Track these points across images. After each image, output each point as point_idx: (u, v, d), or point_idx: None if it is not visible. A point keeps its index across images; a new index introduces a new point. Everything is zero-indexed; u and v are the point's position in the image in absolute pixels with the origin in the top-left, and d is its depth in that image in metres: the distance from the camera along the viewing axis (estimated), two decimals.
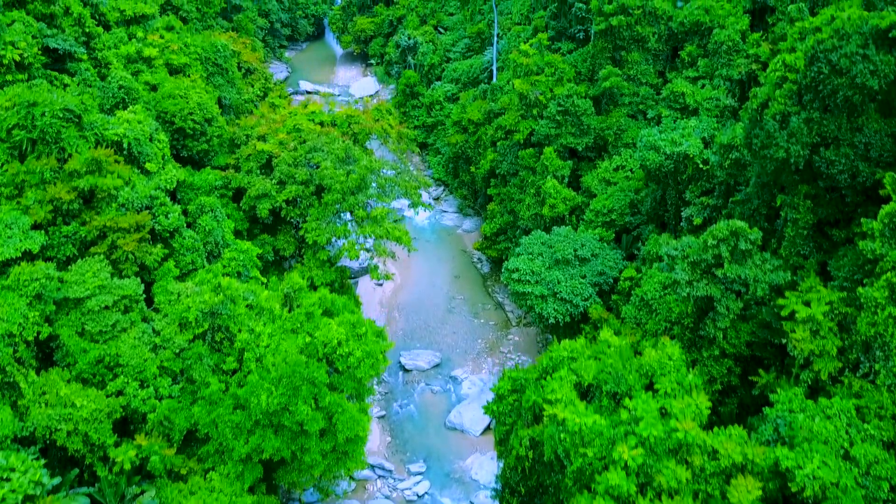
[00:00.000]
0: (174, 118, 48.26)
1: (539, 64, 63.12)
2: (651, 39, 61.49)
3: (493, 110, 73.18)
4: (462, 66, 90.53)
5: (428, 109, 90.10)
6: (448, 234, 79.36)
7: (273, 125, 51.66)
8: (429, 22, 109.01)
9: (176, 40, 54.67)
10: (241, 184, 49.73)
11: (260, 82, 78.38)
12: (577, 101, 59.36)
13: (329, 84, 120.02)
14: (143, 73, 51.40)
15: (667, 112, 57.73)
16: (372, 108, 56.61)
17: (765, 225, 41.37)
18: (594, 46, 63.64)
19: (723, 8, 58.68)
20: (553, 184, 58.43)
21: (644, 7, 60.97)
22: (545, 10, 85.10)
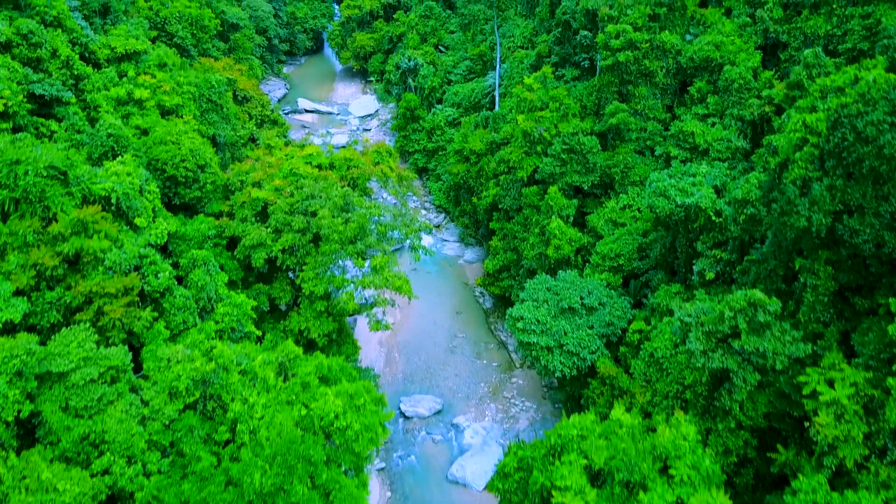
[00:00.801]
0: (166, 166, 46.43)
1: (543, 99, 61.26)
2: (659, 74, 59.65)
3: (496, 141, 71.42)
4: (464, 89, 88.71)
5: (429, 134, 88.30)
6: (449, 265, 77.52)
7: (268, 170, 49.80)
8: (429, 40, 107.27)
9: (168, 79, 52.80)
10: (235, 232, 47.91)
11: (257, 109, 76.55)
12: (583, 139, 57.53)
13: (328, 102, 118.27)
14: (133, 116, 49.55)
15: (676, 151, 55.88)
16: (371, 151, 54.70)
17: (782, 286, 39.55)
18: (600, 80, 61.79)
19: (733, 43, 56.82)
20: (558, 224, 56.57)
21: (652, 41, 59.14)
22: (548, 33, 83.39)
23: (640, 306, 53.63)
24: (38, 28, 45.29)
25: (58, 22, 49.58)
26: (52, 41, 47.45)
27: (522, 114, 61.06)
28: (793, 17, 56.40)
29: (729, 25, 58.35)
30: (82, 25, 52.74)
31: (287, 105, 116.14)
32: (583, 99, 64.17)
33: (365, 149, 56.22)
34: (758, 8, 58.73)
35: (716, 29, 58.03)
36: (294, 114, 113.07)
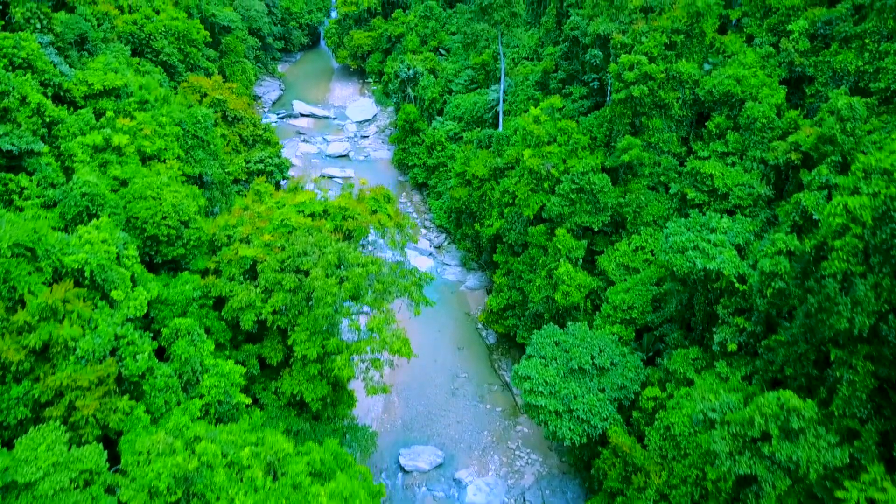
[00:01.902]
0: (146, 225, 43.00)
1: (551, 132, 57.55)
2: (675, 106, 55.86)
3: (499, 166, 67.86)
4: (465, 102, 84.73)
5: (429, 150, 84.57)
6: (451, 292, 74.33)
7: (258, 222, 46.35)
8: (429, 42, 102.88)
9: (149, 120, 49.03)
10: (222, 292, 44.64)
11: (248, 129, 72.75)
12: (594, 179, 54.00)
13: (324, 104, 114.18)
14: (111, 165, 45.95)
15: (693, 193, 52.35)
16: (368, 197, 51.09)
17: (813, 371, 36.45)
18: (612, 111, 58.02)
19: (755, 76, 52.98)
20: (567, 269, 53.31)
21: (668, 71, 55.28)
22: (555, 45, 79.33)
23: (654, 362, 50.65)
24: (4, 75, 41.52)
25: (27, 63, 45.76)
26: (21, 87, 43.73)
27: (529, 148, 57.36)
28: (820, 50, 52.54)
29: (751, 55, 54.45)
30: (56, 62, 48.90)
31: (282, 109, 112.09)
32: (593, 130, 60.48)
33: (361, 193, 52.65)
34: (782, 37, 54.76)
35: (737, 60, 54.14)
36: (289, 118, 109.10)
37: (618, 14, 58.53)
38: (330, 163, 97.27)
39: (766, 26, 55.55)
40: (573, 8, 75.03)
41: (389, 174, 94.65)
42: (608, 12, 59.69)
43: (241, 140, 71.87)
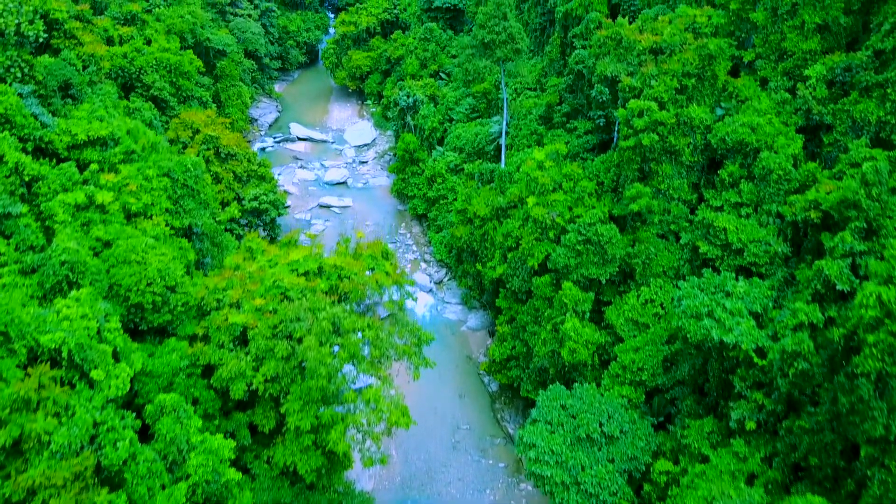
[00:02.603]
0: (129, 293, 40.66)
1: (556, 178, 55.22)
2: (685, 152, 53.51)
3: (502, 206, 65.49)
4: (467, 133, 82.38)
5: (429, 181, 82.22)
6: (451, 333, 71.98)
7: (249, 285, 44.01)
8: (429, 66, 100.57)
9: (135, 174, 46.67)
10: (211, 360, 42.29)
11: (242, 165, 70.42)
12: (601, 230, 51.64)
13: (322, 127, 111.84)
14: (94, 225, 43.60)
15: (705, 247, 49.96)
16: (365, 253, 48.65)
17: (839, 463, 34.13)
18: (619, 156, 55.67)
19: (771, 123, 50.62)
20: (574, 325, 50.97)
21: (679, 116, 52.94)
22: (559, 76, 77.05)
23: (665, 424, 48.34)
24: None
25: (6, 118, 43.44)
26: None
27: (533, 195, 55.02)
28: (839, 98, 50.18)
29: (765, 101, 52.10)
30: (37, 113, 46.53)
31: (279, 132, 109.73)
32: (599, 174, 58.14)
33: (358, 247, 50.22)
34: (798, 81, 52.41)
35: (751, 106, 51.77)
36: (286, 142, 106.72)
37: (626, 55, 56.21)
38: (328, 191, 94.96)
39: (781, 70, 53.21)
40: (578, 39, 72.74)
41: (389, 203, 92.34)
42: (615, 52, 57.37)
43: (234, 177, 69.56)
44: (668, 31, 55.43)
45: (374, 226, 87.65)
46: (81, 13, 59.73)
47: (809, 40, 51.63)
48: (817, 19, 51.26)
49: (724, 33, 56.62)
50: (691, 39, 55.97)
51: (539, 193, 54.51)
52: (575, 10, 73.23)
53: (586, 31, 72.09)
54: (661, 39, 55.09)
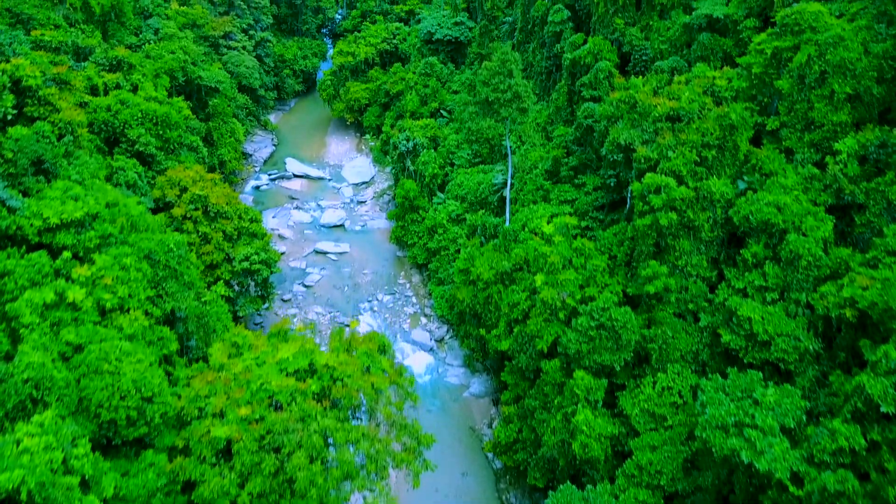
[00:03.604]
0: (101, 409, 37.02)
1: (565, 254, 51.57)
2: (705, 227, 49.86)
3: (506, 270, 61.79)
4: (469, 181, 78.72)
5: (430, 232, 78.52)
6: (453, 399, 68.23)
7: (234, 392, 40.32)
8: (430, 103, 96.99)
9: (110, 263, 43.00)
10: (192, 476, 38.66)
11: (233, 222, 66.75)
12: (615, 314, 47.96)
13: (319, 162, 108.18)
14: (64, 327, 39.95)
15: (728, 336, 46.25)
16: (360, 350, 44.81)
17: None
18: (634, 230, 52.01)
19: (798, 201, 46.95)
20: (585, 417, 47.29)
21: (698, 190, 49.34)
22: (565, 124, 73.44)
23: None
24: None
25: None
26: None
27: (541, 272, 51.36)
28: (873, 176, 46.52)
29: (792, 176, 48.44)
30: (4, 198, 42.89)
31: (274, 168, 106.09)
32: (612, 248, 54.50)
33: (353, 338, 46.47)
34: (826, 154, 48.74)
35: (776, 182, 48.09)
36: (281, 180, 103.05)
37: (640, 121, 52.57)
38: (324, 234, 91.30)
39: (808, 141, 49.53)
40: (587, 89, 69.14)
41: (387, 248, 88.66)
42: (629, 116, 53.72)
43: (224, 236, 65.89)
44: (686, 97, 51.80)
45: (372, 274, 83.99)
46: (58, 76, 56.12)
47: (840, 111, 47.98)
48: (848, 89, 47.62)
49: (744, 97, 53.02)
50: (710, 104, 52.42)
51: (548, 272, 50.81)
52: (583, 58, 69.62)
53: (595, 81, 68.62)
54: (679, 106, 51.47)
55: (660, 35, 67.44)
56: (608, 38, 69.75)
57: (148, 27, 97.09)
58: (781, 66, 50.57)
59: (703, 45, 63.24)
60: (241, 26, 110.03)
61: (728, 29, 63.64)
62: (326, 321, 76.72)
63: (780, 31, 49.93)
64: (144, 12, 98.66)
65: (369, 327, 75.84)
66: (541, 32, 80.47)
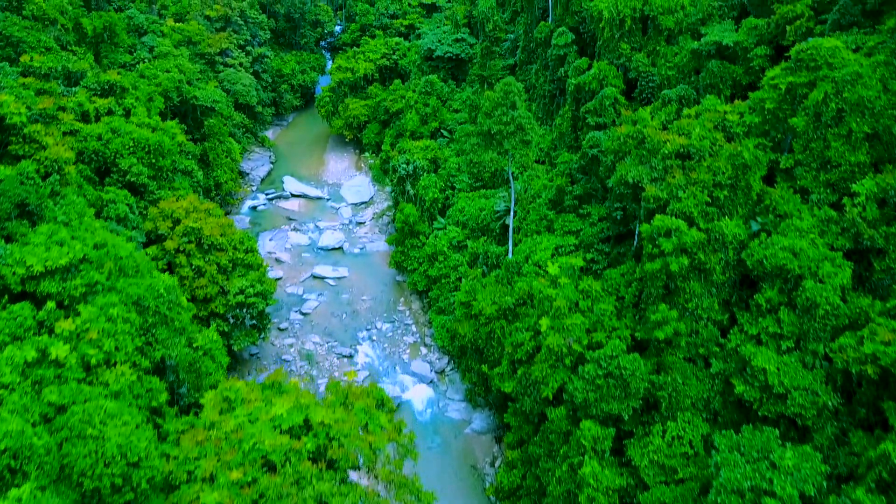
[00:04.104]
0: (84, 478, 35.11)
1: (571, 297, 49.65)
2: (716, 270, 47.92)
3: (509, 307, 59.92)
4: (470, 207, 76.81)
5: (430, 259, 76.55)
6: (454, 435, 66.25)
7: (225, 453, 38.42)
8: (430, 123, 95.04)
9: (95, 314, 41.07)
10: None
11: (228, 254, 64.81)
12: (623, 362, 46.07)
13: (317, 181, 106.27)
14: (46, 386, 38.02)
15: (741, 387, 44.30)
16: (357, 405, 42.80)
17: None
18: (643, 270, 50.04)
19: (814, 245, 45.00)
20: (592, 469, 45.43)
21: (709, 231, 47.42)
22: (569, 150, 71.53)
23: None
24: None
25: None
26: None
27: (546, 317, 49.44)
28: (892, 220, 44.58)
29: (808, 218, 46.49)
30: None
31: (271, 187, 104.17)
32: (619, 289, 52.61)
33: (350, 390, 44.51)
34: (844, 194, 46.79)
35: (791, 225, 46.13)
36: (279, 200, 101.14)
37: (649, 157, 50.66)
38: (322, 257, 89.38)
39: (824, 180, 47.59)
40: (591, 115, 67.22)
41: (387, 272, 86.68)
42: (637, 152, 51.80)
43: (218, 269, 63.93)
44: (697, 133, 49.87)
45: (371, 301, 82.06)
46: (44, 112, 54.17)
47: (857, 151, 46.05)
48: (866, 128, 45.67)
49: (757, 132, 51.06)
50: (721, 140, 50.50)
51: (553, 316, 48.87)
52: (588, 83, 67.70)
53: (600, 108, 66.73)
54: (689, 143, 49.54)
55: (667, 61, 65.51)
56: (614, 63, 67.84)
57: (143, 45, 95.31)
58: (796, 103, 48.64)
59: (712, 73, 61.30)
60: (237, 42, 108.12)
61: (738, 56, 61.72)
62: (324, 351, 74.82)
63: (794, 66, 48.00)
64: (139, 29, 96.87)
65: (368, 358, 74.05)
66: (544, 54, 78.56)
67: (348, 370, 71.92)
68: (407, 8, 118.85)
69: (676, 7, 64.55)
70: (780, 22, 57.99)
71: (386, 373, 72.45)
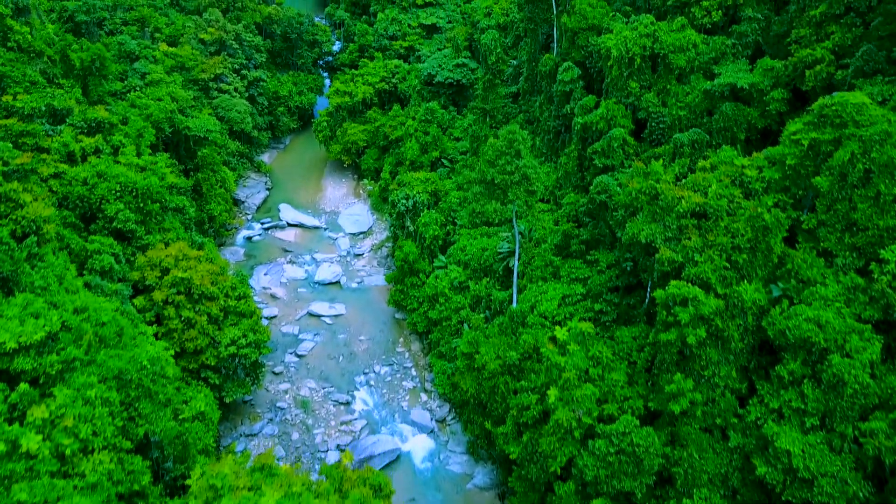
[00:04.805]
0: None
1: (580, 366, 46.82)
2: (735, 337, 45.14)
3: (514, 362, 57.11)
4: (472, 247, 73.99)
5: (431, 300, 73.71)
6: (456, 490, 63.28)
7: None
8: (430, 152, 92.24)
9: (72, 398, 38.25)
10: None
11: (218, 304, 61.95)
12: (636, 439, 43.31)
13: (315, 209, 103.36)
14: (17, 482, 35.18)
15: (763, 468, 41.57)
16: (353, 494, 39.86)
17: None
18: (656, 337, 47.25)
19: (840, 315, 42.23)
20: None
21: (728, 297, 44.65)
22: (575, 191, 68.72)
23: None
24: None
25: None
26: None
27: (555, 386, 46.61)
28: None
29: (833, 285, 43.71)
30: None
31: (267, 216, 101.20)
32: (631, 353, 49.82)
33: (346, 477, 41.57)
34: (871, 260, 44.00)
35: (816, 293, 43.35)
36: (275, 229, 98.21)
37: (662, 215, 47.85)
38: (319, 292, 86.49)
39: (850, 243, 44.79)
40: (599, 157, 64.44)
41: (385, 309, 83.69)
42: (650, 208, 49.00)
43: (209, 319, 61.09)
44: (714, 191, 47.09)
45: (369, 342, 79.13)
46: (21, 167, 51.34)
47: (886, 215, 43.26)
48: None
49: (777, 188, 48.27)
50: (739, 196, 47.76)
51: (563, 388, 46.03)
52: (595, 123, 64.92)
53: (608, 149, 63.98)
54: (706, 202, 46.77)
55: (678, 101, 62.71)
56: (622, 101, 65.05)
57: (134, 71, 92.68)
58: (819, 160, 45.83)
59: (727, 116, 58.58)
60: (232, 66, 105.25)
61: (753, 97, 58.96)
62: (320, 397, 71.94)
63: (818, 121, 45.18)
64: (131, 55, 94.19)
65: (365, 405, 71.16)
66: (548, 88, 75.76)
67: (345, 419, 69.40)
68: (406, 29, 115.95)
69: (688, 45, 61.77)
70: (798, 65, 55.25)
71: (384, 421, 69.60)
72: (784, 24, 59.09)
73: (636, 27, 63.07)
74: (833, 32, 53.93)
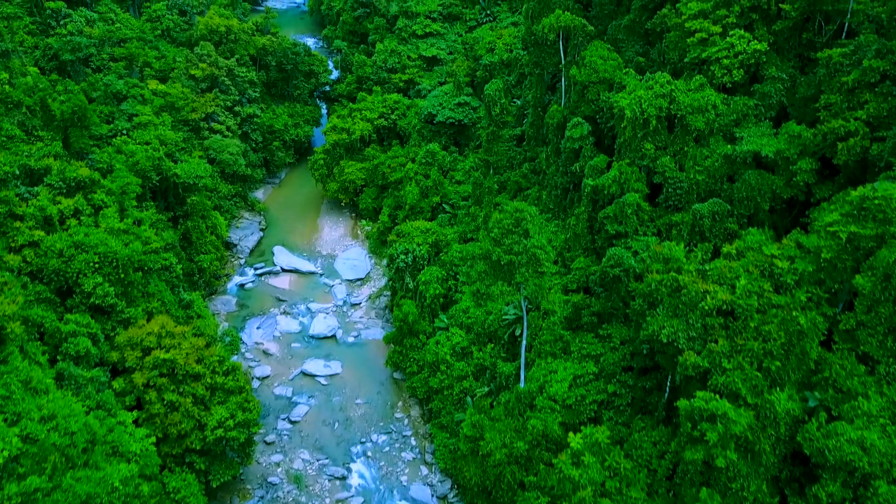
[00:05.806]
0: None
1: (596, 479, 42.75)
2: (766, 451, 41.06)
3: (521, 453, 53.11)
4: (476, 310, 69.94)
5: (431, 367, 69.63)
6: None
7: None
8: (431, 196, 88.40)
9: None
10: None
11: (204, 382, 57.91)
12: None
13: (311, 252, 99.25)
14: None
15: None
16: None
17: None
18: (679, 447, 43.16)
19: (886, 435, 38.10)
20: None
21: (759, 407, 40.57)
22: (585, 254, 64.63)
23: None
24: None
25: None
26: None
27: None
28: None
29: (876, 399, 39.63)
30: None
31: (261, 260, 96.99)
32: (651, 460, 45.71)
33: None
34: None
35: (857, 408, 39.30)
36: (269, 275, 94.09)
37: (685, 311, 43.77)
38: (313, 348, 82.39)
39: (893, 349, 40.73)
40: (610, 222, 60.38)
41: (383, 368, 79.45)
42: (670, 300, 44.91)
43: (194, 400, 57.03)
44: (742, 286, 43.03)
45: (366, 406, 75.00)
46: None
47: None
48: None
49: (811, 280, 44.19)
50: (769, 291, 43.68)
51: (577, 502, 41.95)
52: (607, 187, 60.87)
53: (621, 214, 59.95)
54: (733, 299, 42.68)
55: (696, 164, 58.67)
56: (636, 163, 60.96)
57: (121, 113, 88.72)
58: (859, 254, 41.76)
59: (749, 185, 54.54)
60: (225, 104, 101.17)
61: (778, 165, 54.92)
62: (314, 471, 67.84)
63: (857, 213, 41.14)
64: (118, 96, 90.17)
65: (362, 480, 67.07)
66: (556, 140, 71.71)
67: (341, 497, 65.34)
68: (406, 61, 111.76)
69: (707, 106, 57.72)
70: (828, 136, 51.17)
71: (382, 499, 65.54)
72: (812, 87, 55.05)
73: (652, 86, 59.05)
74: (867, 101, 49.89)
